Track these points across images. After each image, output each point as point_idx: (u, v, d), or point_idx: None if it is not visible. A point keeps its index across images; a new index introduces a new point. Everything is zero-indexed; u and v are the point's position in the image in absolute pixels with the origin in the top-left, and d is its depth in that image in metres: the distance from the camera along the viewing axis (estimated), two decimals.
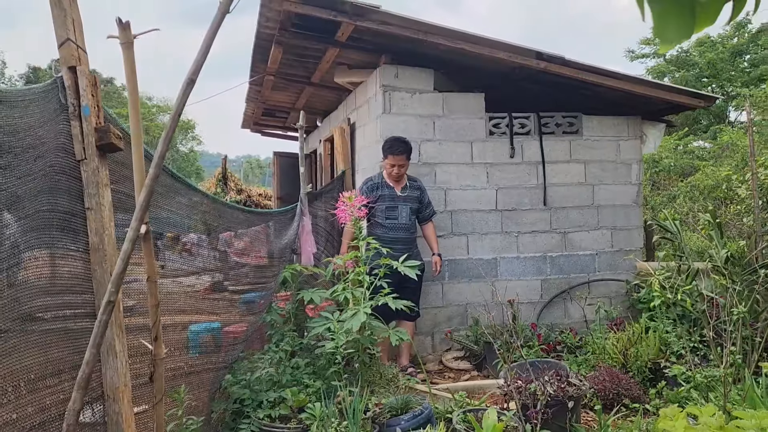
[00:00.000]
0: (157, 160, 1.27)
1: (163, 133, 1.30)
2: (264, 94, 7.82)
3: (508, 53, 5.16)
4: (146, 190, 1.30)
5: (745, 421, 2.15)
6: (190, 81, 1.28)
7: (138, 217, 1.31)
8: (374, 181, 4.98)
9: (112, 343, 2.06)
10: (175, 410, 2.44)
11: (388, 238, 4.82)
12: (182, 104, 1.29)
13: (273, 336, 3.94)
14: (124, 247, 1.30)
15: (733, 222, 9.16)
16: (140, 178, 1.46)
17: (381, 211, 4.90)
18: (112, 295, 1.35)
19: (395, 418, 3.19)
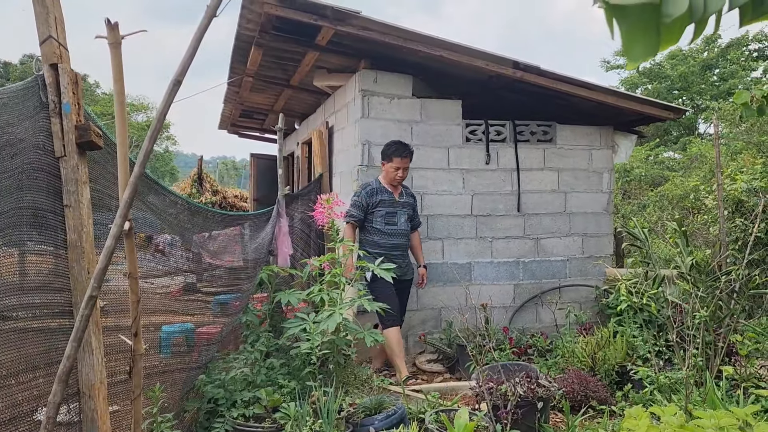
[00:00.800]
0: (142, 159, 1.30)
1: (148, 132, 1.33)
2: (242, 95, 7.81)
3: (485, 61, 5.26)
4: (130, 188, 1.33)
5: (704, 421, 2.24)
6: (177, 82, 1.31)
7: (122, 213, 1.33)
8: (373, 186, 4.91)
9: (88, 340, 2.07)
10: (150, 408, 2.45)
11: (388, 245, 4.82)
12: (167, 105, 1.33)
13: (248, 336, 3.96)
14: (108, 243, 1.33)
15: (700, 231, 9.41)
16: (124, 176, 1.48)
17: (381, 216, 4.84)
18: (94, 290, 1.37)
19: (369, 418, 3.24)
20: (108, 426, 2.13)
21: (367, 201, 4.82)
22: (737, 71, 21.64)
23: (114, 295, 2.59)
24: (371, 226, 4.84)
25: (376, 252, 4.70)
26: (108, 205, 2.49)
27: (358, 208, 4.83)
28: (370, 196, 4.84)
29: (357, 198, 4.87)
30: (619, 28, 0.98)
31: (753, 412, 2.37)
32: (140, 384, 1.61)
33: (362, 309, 4.80)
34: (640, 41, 0.98)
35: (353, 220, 4.82)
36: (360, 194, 4.88)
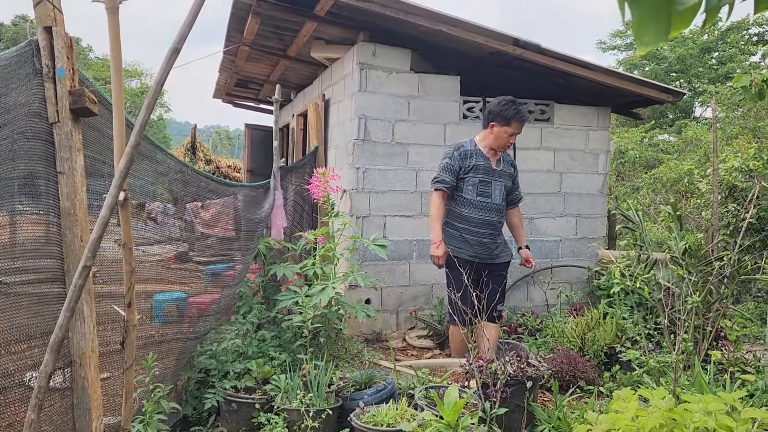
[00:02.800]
0: (139, 128, 1.27)
1: (146, 101, 1.30)
2: (238, 64, 7.71)
3: (485, 38, 5.20)
4: (126, 158, 1.30)
5: (692, 405, 2.27)
6: (175, 50, 1.28)
7: (117, 183, 1.31)
8: (467, 148, 4.12)
9: (81, 308, 2.06)
10: (143, 377, 2.45)
11: (477, 220, 4.06)
12: (165, 73, 1.29)
13: (241, 308, 3.97)
14: (102, 213, 1.31)
15: (692, 215, 9.46)
16: (120, 145, 1.45)
17: (472, 185, 4.05)
18: (89, 260, 1.35)
19: (359, 392, 3.26)
20: (99, 394, 2.13)
21: (460, 164, 4.05)
22: (736, 55, 21.55)
23: (106, 261, 2.57)
24: (459, 195, 4.08)
25: (463, 227, 4.07)
26: (103, 173, 2.45)
27: (450, 172, 4.04)
28: (464, 158, 4.07)
29: (449, 160, 4.07)
30: (631, 13, 0.96)
31: (740, 397, 2.40)
32: (133, 354, 1.61)
33: (355, 284, 4.82)
34: (652, 27, 0.97)
35: (444, 186, 4.02)
36: (452, 155, 4.09)
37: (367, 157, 5.43)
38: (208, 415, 3.27)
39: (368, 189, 5.44)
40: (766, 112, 12.50)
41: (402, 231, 5.54)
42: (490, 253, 4.12)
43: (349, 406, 3.17)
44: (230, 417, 3.20)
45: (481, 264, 4.06)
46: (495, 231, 4.15)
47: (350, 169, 5.45)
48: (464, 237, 4.06)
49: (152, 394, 2.51)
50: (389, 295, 5.53)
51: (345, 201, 5.50)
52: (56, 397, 2.12)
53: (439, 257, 3.96)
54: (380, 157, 5.48)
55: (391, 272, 5.50)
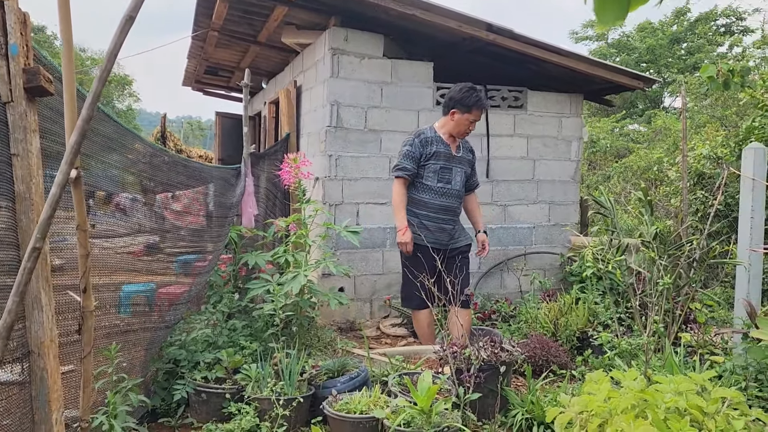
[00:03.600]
0: (91, 100, 1.20)
1: (98, 72, 1.22)
2: (207, 50, 7.55)
3: (458, 23, 5.16)
4: (77, 132, 1.23)
5: (663, 386, 2.27)
6: (129, 18, 1.21)
7: (68, 160, 1.24)
8: (427, 135, 4.12)
9: (38, 296, 1.97)
10: (105, 367, 2.37)
11: (436, 206, 4.09)
12: (119, 43, 1.22)
13: (211, 297, 3.88)
14: (53, 191, 1.23)
15: (662, 203, 9.59)
16: (71, 119, 1.38)
17: (433, 172, 4.07)
18: (38, 241, 1.28)
19: (331, 380, 3.22)
20: (59, 385, 2.05)
21: (420, 151, 4.05)
22: (704, 45, 21.92)
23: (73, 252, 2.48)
24: (420, 182, 4.09)
25: (423, 213, 4.09)
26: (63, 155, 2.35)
27: (411, 159, 4.05)
28: (424, 145, 4.07)
29: (409, 147, 4.07)
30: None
31: (710, 378, 2.41)
32: (91, 342, 1.53)
33: (327, 272, 4.76)
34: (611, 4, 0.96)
35: (406, 173, 4.03)
36: (413, 142, 4.08)
37: (339, 144, 5.36)
38: (177, 406, 3.19)
39: (341, 176, 5.38)
40: (732, 101, 12.70)
41: (375, 218, 5.50)
42: (450, 238, 4.16)
43: (321, 395, 3.13)
44: (200, 408, 3.14)
45: (442, 249, 4.07)
46: (454, 216, 4.20)
47: (323, 157, 5.38)
48: (424, 223, 4.07)
49: (117, 385, 2.43)
50: (363, 284, 5.49)
51: (318, 189, 5.43)
52: (15, 389, 2.03)
53: (406, 243, 3.99)
54: (353, 144, 5.42)
55: (365, 260, 5.46)
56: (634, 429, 2.10)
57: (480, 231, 4.40)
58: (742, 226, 4.02)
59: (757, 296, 3.98)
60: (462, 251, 4.22)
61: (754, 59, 18.11)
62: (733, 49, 21.52)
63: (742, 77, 4.95)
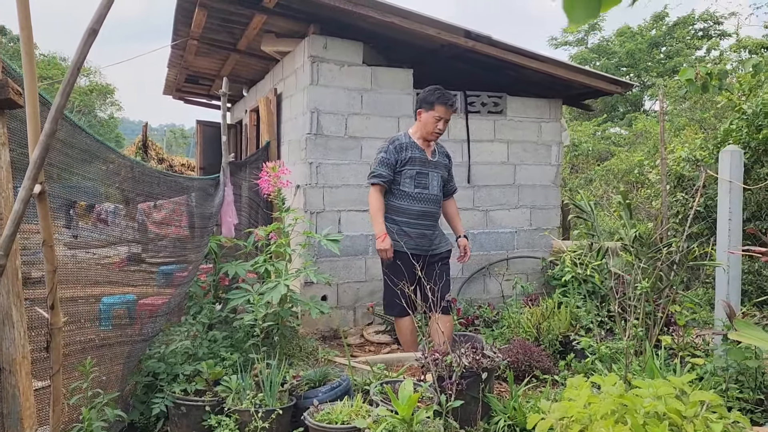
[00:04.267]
0: (54, 114, 1.18)
1: (61, 86, 1.20)
2: (187, 59, 7.51)
3: (437, 30, 5.17)
4: (40, 147, 1.21)
5: (643, 390, 2.28)
6: (92, 31, 1.19)
7: (31, 175, 1.21)
8: (401, 141, 4.10)
9: (8, 312, 1.93)
10: (80, 383, 2.33)
11: (416, 212, 4.06)
12: (83, 56, 1.20)
13: (191, 308, 3.85)
14: (15, 207, 1.21)
15: (643, 205, 9.68)
16: (34, 134, 1.35)
17: (409, 177, 4.04)
18: (1, 258, 1.25)
19: (313, 390, 3.19)
20: (32, 402, 2.01)
21: (395, 158, 4.03)
22: (683, 49, 22.22)
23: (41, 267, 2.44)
24: (398, 188, 4.06)
25: (402, 220, 4.06)
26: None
27: (386, 165, 4.03)
28: (399, 151, 4.04)
29: (384, 154, 4.06)
30: None
31: (689, 381, 2.43)
32: (59, 359, 1.51)
33: (309, 280, 4.74)
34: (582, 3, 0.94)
35: (381, 180, 4.02)
36: (387, 149, 4.06)
37: (320, 151, 5.35)
38: (157, 420, 3.15)
39: (322, 184, 5.36)
40: (711, 104, 12.88)
41: (357, 226, 5.48)
42: (430, 244, 4.15)
43: (303, 405, 3.10)
44: (179, 421, 3.09)
45: (422, 256, 4.07)
46: (434, 222, 4.18)
47: (303, 164, 5.36)
48: (404, 230, 4.06)
49: (92, 400, 2.39)
50: (345, 292, 5.47)
51: (299, 196, 5.41)
52: None
53: (386, 250, 3.98)
54: (333, 152, 5.41)
55: (347, 268, 5.45)
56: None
57: (460, 236, 4.38)
58: (721, 227, 4.06)
59: (736, 298, 4.01)
60: (442, 257, 4.22)
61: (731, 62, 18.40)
62: (711, 52, 21.85)
63: (720, 80, 5.01)
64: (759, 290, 6.18)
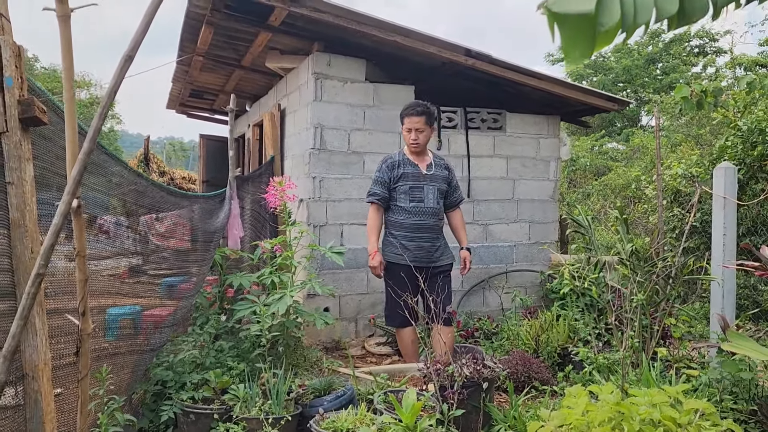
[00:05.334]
0: (92, 134, 1.28)
1: (99, 108, 1.30)
2: (192, 74, 7.64)
3: (438, 48, 5.31)
4: (79, 164, 1.30)
5: (639, 399, 2.37)
6: (128, 58, 1.29)
7: (70, 191, 1.31)
8: (394, 159, 4.29)
9: (32, 321, 2.02)
10: (96, 389, 2.41)
11: (412, 225, 4.20)
12: (119, 81, 1.31)
13: (198, 319, 3.93)
14: (55, 220, 1.31)
15: (640, 220, 9.79)
16: (73, 152, 1.45)
17: (403, 192, 4.21)
18: (41, 268, 1.35)
19: (318, 399, 3.27)
20: (52, 407, 2.09)
21: (389, 175, 4.22)
22: (679, 66, 22.44)
23: (54, 277, 2.53)
24: (395, 204, 4.24)
25: (401, 234, 4.22)
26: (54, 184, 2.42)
27: (380, 184, 4.24)
28: (391, 169, 4.24)
29: (378, 173, 4.29)
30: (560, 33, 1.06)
31: (684, 391, 2.51)
32: (87, 364, 1.59)
33: (313, 292, 4.82)
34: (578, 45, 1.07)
35: (375, 199, 4.24)
36: (381, 168, 4.29)
37: (323, 166, 5.46)
38: (165, 427, 3.22)
39: (325, 198, 5.46)
40: (707, 120, 13.04)
41: (359, 239, 5.58)
42: (430, 256, 4.26)
43: (308, 414, 3.18)
44: (188, 428, 3.17)
45: (422, 268, 4.17)
46: (433, 234, 4.27)
47: (307, 179, 5.47)
48: (403, 243, 4.20)
49: (106, 406, 2.47)
50: (348, 304, 5.56)
51: (302, 210, 5.51)
52: (9, 413, 2.08)
53: (375, 267, 4.18)
54: (336, 166, 5.52)
55: (349, 280, 5.53)
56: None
57: (463, 248, 4.47)
58: (715, 242, 4.16)
59: (731, 311, 4.11)
60: (444, 270, 4.32)
61: (726, 79, 18.61)
62: (707, 69, 22.08)
63: (715, 98, 5.12)
64: (754, 304, 6.27)
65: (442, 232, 4.41)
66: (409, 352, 4.28)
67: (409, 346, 4.25)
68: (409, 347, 4.25)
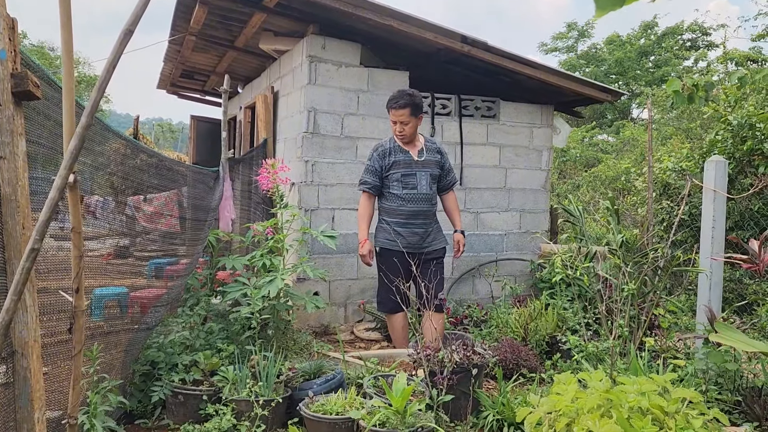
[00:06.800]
0: (91, 108, 1.26)
1: (97, 83, 1.28)
2: (184, 54, 7.55)
3: (434, 34, 5.28)
4: (77, 138, 1.28)
5: (628, 387, 2.39)
6: (128, 32, 1.27)
7: (67, 165, 1.29)
8: (385, 147, 4.27)
9: (24, 297, 2.00)
10: (87, 368, 2.40)
11: (406, 212, 4.20)
12: (118, 55, 1.28)
13: (188, 300, 3.91)
14: (51, 194, 1.29)
15: (629, 212, 9.85)
16: (70, 126, 1.43)
17: (396, 180, 4.20)
18: (36, 242, 1.33)
19: (308, 382, 3.28)
20: (41, 385, 2.08)
21: (380, 164, 4.22)
22: (671, 59, 22.51)
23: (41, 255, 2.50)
24: (388, 191, 4.24)
25: (394, 221, 4.23)
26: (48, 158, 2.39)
27: (372, 173, 4.25)
28: (383, 157, 4.23)
29: (369, 162, 4.29)
30: None
31: (671, 380, 2.54)
32: (81, 341, 1.58)
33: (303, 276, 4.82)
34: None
35: (366, 187, 4.25)
36: (372, 157, 4.28)
37: (316, 150, 5.43)
38: (154, 408, 3.22)
39: (317, 182, 5.44)
40: (698, 114, 13.10)
41: (350, 224, 5.57)
42: (422, 242, 4.27)
43: (298, 397, 3.18)
44: (177, 409, 3.16)
45: (415, 253, 4.18)
46: (427, 220, 4.28)
47: (299, 162, 5.44)
48: (396, 230, 4.21)
49: (97, 385, 2.46)
50: (337, 288, 5.56)
51: (294, 194, 5.49)
52: None
53: (365, 256, 4.16)
54: (329, 150, 5.49)
55: (339, 265, 5.53)
56: (599, 427, 2.21)
57: (457, 231, 4.47)
58: (704, 235, 4.20)
59: (717, 303, 4.16)
60: (437, 256, 4.33)
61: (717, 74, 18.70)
62: (699, 63, 22.17)
63: (706, 92, 5.14)
64: (739, 298, 6.34)
65: (436, 216, 4.41)
66: (400, 338, 4.29)
67: (399, 332, 4.27)
68: (399, 333, 4.27)
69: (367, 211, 4.23)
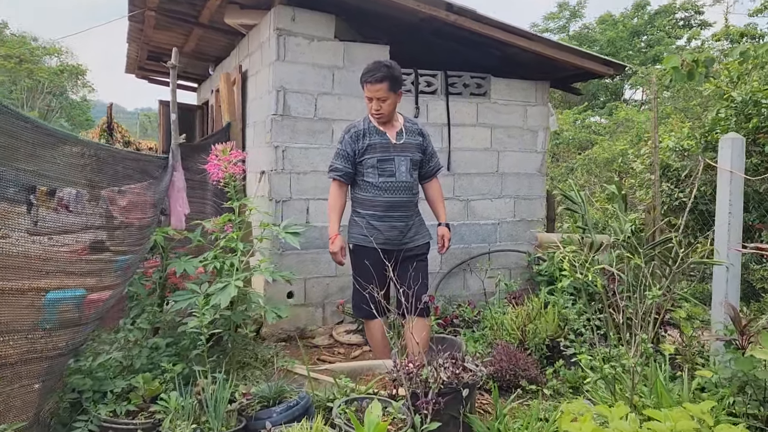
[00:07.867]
0: None
1: None
2: (146, 33, 6.93)
3: (416, 2, 4.70)
4: None
5: (660, 424, 1.87)
6: None
7: None
8: (358, 128, 3.67)
9: None
10: None
11: (383, 203, 3.64)
12: None
13: (132, 310, 3.35)
14: None
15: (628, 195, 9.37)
16: None
17: (371, 166, 3.62)
18: None
19: (266, 410, 2.74)
20: None
21: (352, 147, 3.64)
22: (663, 38, 22.04)
23: None
24: (362, 179, 3.67)
25: (369, 213, 3.66)
26: None
27: (343, 158, 3.66)
28: (356, 140, 3.64)
29: (340, 145, 3.70)
30: None
31: (709, 409, 2.03)
32: None
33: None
34: None
35: (337, 174, 3.67)
36: (343, 139, 3.68)
37: (286, 134, 4.87)
38: None
39: (288, 170, 4.88)
40: (694, 93, 12.60)
41: (326, 216, 5.01)
42: (402, 237, 3.71)
43: (253, 427, 2.65)
44: None
45: (394, 251, 3.63)
46: (407, 212, 3.72)
47: (268, 148, 4.88)
48: (372, 224, 3.63)
49: None
50: (314, 287, 5.02)
51: (264, 183, 4.93)
52: None
53: (336, 253, 3.61)
54: (302, 134, 4.93)
55: (315, 262, 4.99)
56: None
57: (441, 224, 3.92)
58: (720, 222, 3.68)
59: (735, 297, 3.66)
60: (419, 253, 3.78)
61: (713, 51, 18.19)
62: (692, 42, 21.68)
63: (706, 68, 4.70)
64: (746, 284, 5.89)
65: (417, 208, 3.85)
66: (379, 346, 3.75)
67: (378, 340, 3.72)
68: (378, 341, 3.73)
69: (338, 202, 3.66)
